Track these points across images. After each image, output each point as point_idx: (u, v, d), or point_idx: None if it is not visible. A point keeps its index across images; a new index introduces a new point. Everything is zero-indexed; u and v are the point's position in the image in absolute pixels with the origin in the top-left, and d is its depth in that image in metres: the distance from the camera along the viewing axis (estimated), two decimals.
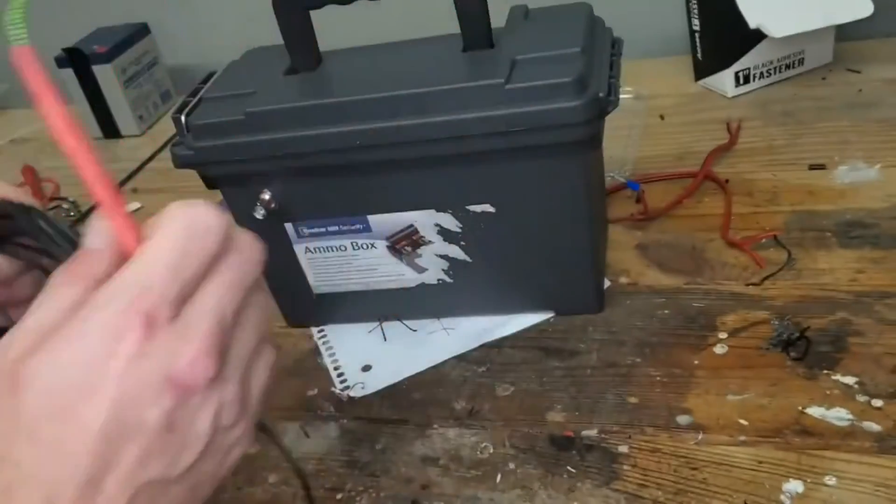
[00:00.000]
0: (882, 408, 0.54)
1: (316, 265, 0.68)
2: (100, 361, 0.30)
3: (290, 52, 0.64)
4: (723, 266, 0.69)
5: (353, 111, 0.58)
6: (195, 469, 0.33)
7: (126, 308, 0.30)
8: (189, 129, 0.61)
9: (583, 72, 0.55)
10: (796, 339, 0.61)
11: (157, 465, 0.32)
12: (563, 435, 0.58)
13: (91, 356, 0.30)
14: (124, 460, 0.31)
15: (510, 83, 0.55)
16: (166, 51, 1.26)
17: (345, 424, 0.63)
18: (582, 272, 0.65)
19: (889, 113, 0.85)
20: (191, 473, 0.33)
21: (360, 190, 0.63)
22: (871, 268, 0.66)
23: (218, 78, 0.67)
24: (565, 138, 0.56)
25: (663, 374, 0.61)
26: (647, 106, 0.96)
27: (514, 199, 0.61)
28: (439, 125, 0.57)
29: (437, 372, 0.65)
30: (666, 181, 0.82)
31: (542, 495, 0.54)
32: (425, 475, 0.57)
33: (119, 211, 0.32)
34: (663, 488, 0.53)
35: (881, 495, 0.49)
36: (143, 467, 0.31)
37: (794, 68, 0.96)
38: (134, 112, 1.18)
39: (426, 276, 0.67)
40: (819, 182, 0.77)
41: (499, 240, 0.63)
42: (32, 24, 0.31)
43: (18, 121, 1.32)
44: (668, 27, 1.05)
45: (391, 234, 0.65)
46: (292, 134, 0.59)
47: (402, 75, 0.60)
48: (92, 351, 0.30)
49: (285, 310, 0.73)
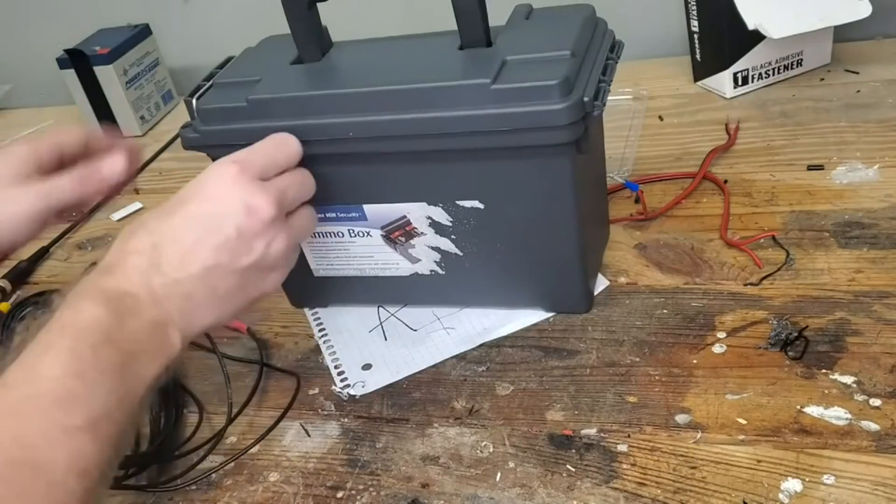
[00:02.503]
0: (880, 407, 0.55)
1: (315, 249, 0.69)
2: (212, 185, 0.54)
3: (297, 43, 0.65)
4: (721, 266, 0.70)
5: (348, 103, 0.60)
6: (247, 270, 0.53)
7: (233, 160, 0.55)
8: (197, 112, 0.63)
9: (569, 75, 0.56)
10: (795, 338, 0.61)
11: (225, 255, 0.52)
12: (562, 434, 0.58)
13: (209, 181, 0.54)
14: (209, 243, 0.52)
15: (497, 83, 0.56)
16: (168, 52, 1.26)
17: (345, 423, 0.63)
18: (570, 272, 0.65)
19: (887, 113, 0.85)
20: (244, 273, 0.53)
21: (356, 180, 0.64)
22: (869, 268, 0.66)
23: (232, 64, 0.69)
24: (549, 140, 0.57)
25: (662, 373, 0.61)
26: (646, 107, 0.96)
27: (502, 197, 0.62)
28: (429, 121, 0.58)
29: (437, 371, 0.66)
30: (665, 181, 0.82)
31: (541, 494, 0.54)
32: (425, 474, 0.57)
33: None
34: (662, 487, 0.53)
35: (879, 494, 0.50)
36: (217, 252, 0.52)
37: (793, 69, 0.96)
38: (135, 113, 1.18)
39: (419, 267, 0.68)
40: (817, 182, 0.77)
41: (487, 235, 0.64)
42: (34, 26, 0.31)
43: (21, 121, 1.32)
44: (666, 28, 1.06)
45: (386, 223, 0.66)
46: (290, 122, 0.61)
47: (398, 70, 0.62)
48: (210, 178, 0.54)
49: (288, 291, 0.75)
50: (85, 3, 1.27)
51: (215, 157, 0.66)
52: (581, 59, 0.59)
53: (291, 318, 0.75)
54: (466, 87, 0.57)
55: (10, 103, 1.39)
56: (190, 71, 1.28)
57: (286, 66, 0.66)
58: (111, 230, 0.96)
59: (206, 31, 1.25)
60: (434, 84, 0.58)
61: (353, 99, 0.60)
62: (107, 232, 0.96)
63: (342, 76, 0.64)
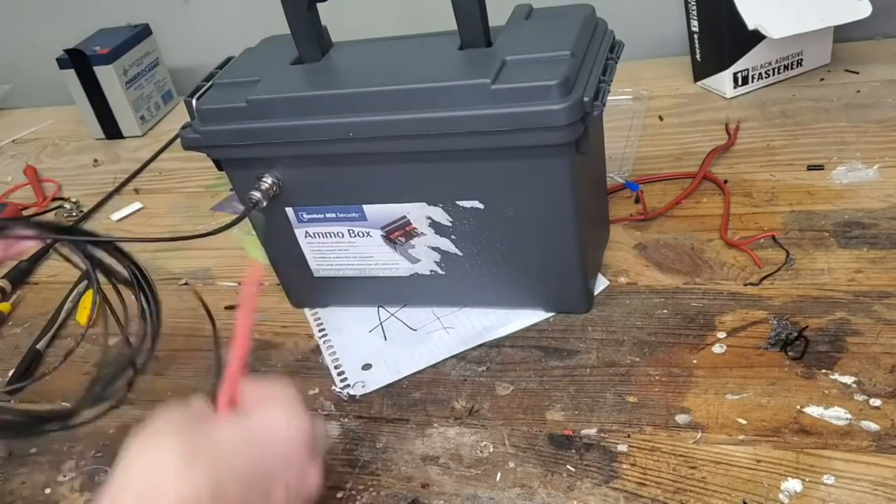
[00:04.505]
0: (880, 407, 0.55)
1: (315, 249, 0.70)
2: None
3: (297, 43, 0.65)
4: (721, 266, 0.70)
5: (348, 103, 0.60)
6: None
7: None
8: (197, 112, 0.63)
9: (568, 75, 0.56)
10: (795, 338, 0.61)
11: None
12: (562, 434, 0.58)
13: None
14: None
15: (496, 83, 0.56)
16: (168, 52, 1.26)
17: (345, 423, 0.63)
18: (570, 272, 0.65)
19: (887, 113, 0.85)
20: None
21: (355, 180, 0.64)
22: (869, 268, 0.66)
23: (231, 64, 0.69)
24: (549, 140, 0.57)
25: (662, 373, 0.61)
26: (646, 107, 0.96)
27: (501, 198, 0.62)
28: (428, 121, 0.58)
29: (437, 371, 0.66)
30: (665, 181, 0.82)
31: (541, 494, 0.54)
32: (425, 474, 0.57)
33: (234, 382, 0.49)
34: (662, 487, 0.53)
35: (879, 494, 0.50)
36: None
37: (793, 69, 0.96)
38: (135, 113, 1.18)
39: (419, 267, 0.68)
40: (817, 182, 0.77)
41: (488, 235, 0.64)
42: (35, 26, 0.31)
43: (21, 121, 1.32)
44: (666, 28, 1.06)
45: (385, 224, 0.66)
46: (289, 123, 0.61)
47: (398, 70, 0.62)
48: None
49: (288, 291, 0.75)
50: (85, 3, 1.27)
51: (215, 157, 0.66)
52: (581, 59, 0.59)
53: (291, 318, 0.75)
54: (466, 87, 0.57)
55: (10, 103, 1.39)
56: (190, 71, 1.28)
57: (286, 67, 0.66)
58: (111, 230, 0.96)
59: (206, 31, 1.25)
60: (434, 84, 0.58)
61: (353, 99, 0.59)
62: (106, 232, 0.96)
63: (342, 76, 0.64)
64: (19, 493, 0.63)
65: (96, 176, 1.11)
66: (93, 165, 1.14)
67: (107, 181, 1.08)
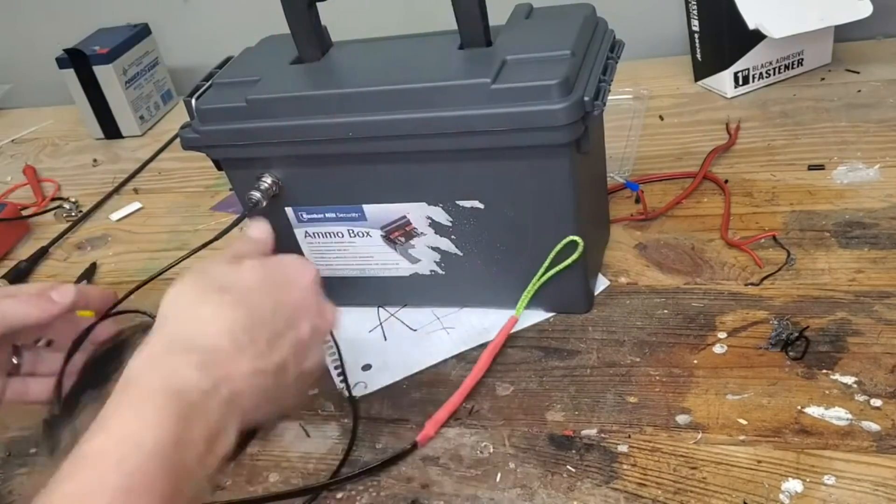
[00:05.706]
0: (881, 407, 0.55)
1: (315, 249, 0.69)
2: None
3: (297, 43, 0.65)
4: (722, 266, 0.70)
5: (348, 103, 0.60)
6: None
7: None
8: (197, 112, 0.63)
9: (569, 74, 0.56)
10: (795, 338, 0.61)
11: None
12: (562, 434, 0.58)
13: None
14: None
15: (496, 83, 0.56)
16: (167, 51, 1.26)
17: (345, 423, 0.63)
18: (570, 272, 0.65)
19: (888, 113, 0.85)
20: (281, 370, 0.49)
21: (355, 180, 0.64)
22: (870, 268, 0.66)
23: (231, 64, 0.69)
24: (549, 140, 0.57)
25: (663, 373, 0.61)
26: (646, 106, 0.96)
27: (502, 197, 0.62)
28: (428, 121, 0.58)
29: (437, 371, 0.66)
30: (665, 181, 0.82)
31: (541, 494, 0.54)
32: (425, 474, 0.57)
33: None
34: (663, 487, 0.53)
35: (880, 495, 0.49)
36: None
37: (794, 69, 0.96)
38: (135, 112, 1.18)
39: (419, 267, 0.68)
40: (818, 182, 0.77)
41: (488, 235, 0.64)
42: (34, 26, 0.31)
43: (20, 120, 1.32)
44: (667, 28, 1.06)
45: (385, 223, 0.66)
46: (289, 122, 0.61)
47: (397, 70, 0.62)
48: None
49: None
50: (85, 3, 1.27)
51: (214, 157, 0.66)
52: (581, 58, 0.59)
53: None
54: (466, 87, 0.57)
55: (10, 103, 1.39)
56: (189, 71, 1.28)
57: (286, 66, 0.66)
58: (110, 230, 0.96)
59: (206, 31, 1.25)
60: (434, 84, 0.58)
61: (353, 99, 0.59)
62: (106, 232, 0.96)
63: (342, 76, 0.64)
64: (19, 493, 0.63)
65: (96, 176, 1.11)
66: (92, 165, 1.14)
67: (106, 181, 1.08)
